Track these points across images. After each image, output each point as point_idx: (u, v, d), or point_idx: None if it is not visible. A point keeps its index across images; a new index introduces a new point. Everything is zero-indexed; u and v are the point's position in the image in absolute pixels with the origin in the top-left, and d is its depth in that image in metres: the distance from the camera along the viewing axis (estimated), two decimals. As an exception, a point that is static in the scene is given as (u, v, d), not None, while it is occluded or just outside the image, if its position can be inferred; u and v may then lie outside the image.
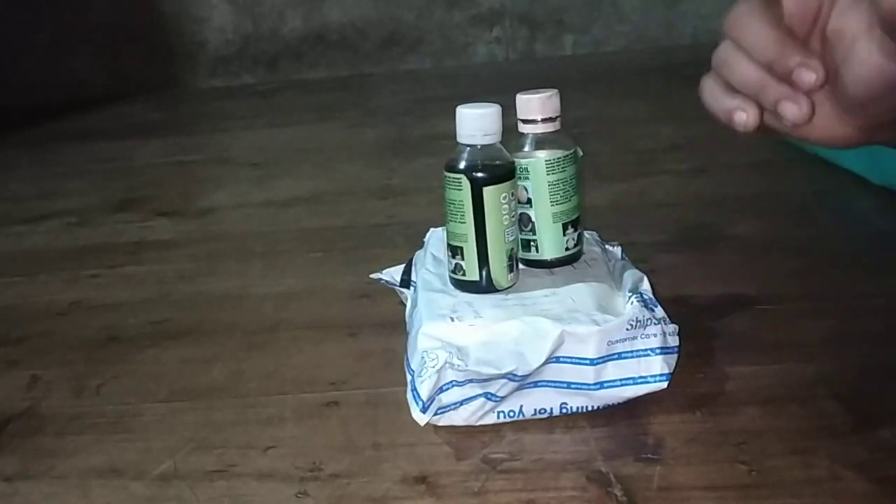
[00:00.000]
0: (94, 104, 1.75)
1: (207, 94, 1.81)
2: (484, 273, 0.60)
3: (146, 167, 1.32)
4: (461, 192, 0.59)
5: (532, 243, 0.63)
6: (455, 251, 0.61)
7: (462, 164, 0.59)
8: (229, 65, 1.88)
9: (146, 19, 1.85)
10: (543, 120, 0.61)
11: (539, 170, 0.61)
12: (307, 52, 1.87)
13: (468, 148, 0.59)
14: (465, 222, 0.59)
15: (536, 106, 0.61)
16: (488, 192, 0.59)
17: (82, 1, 1.82)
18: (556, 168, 0.61)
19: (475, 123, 0.59)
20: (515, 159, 0.61)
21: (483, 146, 0.59)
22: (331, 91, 1.73)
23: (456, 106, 0.60)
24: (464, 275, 0.61)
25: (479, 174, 0.59)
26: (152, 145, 1.43)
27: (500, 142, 0.60)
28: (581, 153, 0.64)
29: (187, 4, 1.85)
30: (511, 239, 0.61)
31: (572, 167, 0.62)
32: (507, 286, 0.61)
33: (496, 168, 0.59)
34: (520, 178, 0.61)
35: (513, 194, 0.60)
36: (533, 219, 0.62)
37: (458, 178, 0.59)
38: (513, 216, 0.60)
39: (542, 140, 0.62)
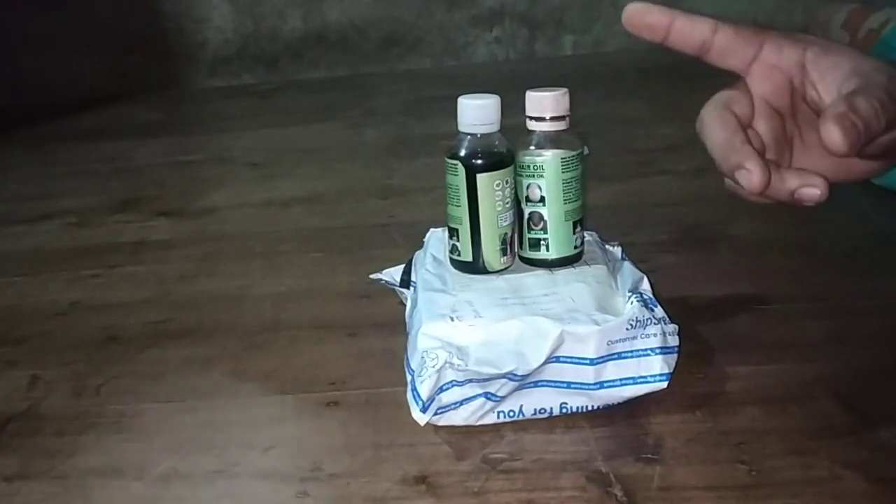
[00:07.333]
0: (94, 104, 1.75)
1: (207, 94, 1.81)
2: (477, 254, 0.63)
3: (146, 167, 1.31)
4: (457, 178, 0.62)
5: (543, 242, 0.63)
6: (452, 232, 0.64)
7: (460, 152, 0.62)
8: (229, 65, 1.88)
9: (146, 19, 1.85)
10: (554, 118, 0.61)
11: (555, 167, 0.61)
12: (307, 52, 1.87)
13: (468, 136, 0.62)
14: (460, 206, 0.62)
15: (549, 104, 0.61)
16: (482, 178, 0.61)
17: (82, 1, 1.82)
18: (571, 166, 0.62)
19: (474, 113, 0.61)
20: (528, 157, 0.62)
21: (482, 135, 0.61)
22: (331, 91, 1.73)
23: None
24: (459, 255, 0.64)
25: (474, 161, 0.61)
26: (152, 145, 1.42)
27: (501, 131, 0.62)
28: (587, 152, 0.64)
29: (187, 4, 1.84)
30: (505, 224, 0.62)
31: (581, 166, 0.63)
32: (499, 268, 0.64)
33: (491, 156, 0.61)
34: (533, 175, 0.62)
35: (507, 181, 0.62)
36: (545, 217, 0.63)
37: (454, 164, 0.62)
38: (507, 203, 0.62)
39: (551, 138, 0.62)
